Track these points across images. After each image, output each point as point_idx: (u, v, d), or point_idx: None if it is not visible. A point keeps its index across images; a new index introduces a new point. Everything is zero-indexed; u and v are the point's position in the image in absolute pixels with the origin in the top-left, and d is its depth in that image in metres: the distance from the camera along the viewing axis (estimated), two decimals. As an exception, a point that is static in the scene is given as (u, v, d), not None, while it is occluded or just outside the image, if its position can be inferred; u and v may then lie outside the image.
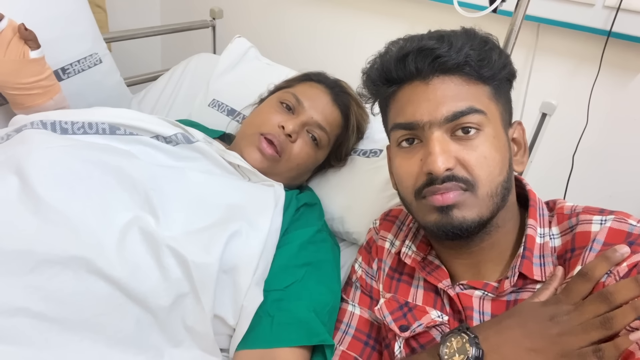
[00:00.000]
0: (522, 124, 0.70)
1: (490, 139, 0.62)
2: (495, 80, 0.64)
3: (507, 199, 0.63)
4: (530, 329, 0.53)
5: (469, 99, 0.61)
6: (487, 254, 0.66)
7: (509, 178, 0.63)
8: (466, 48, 0.61)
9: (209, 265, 0.68)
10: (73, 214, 0.66)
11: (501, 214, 0.64)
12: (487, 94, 0.63)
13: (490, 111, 0.63)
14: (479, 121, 0.61)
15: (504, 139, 0.64)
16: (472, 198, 0.60)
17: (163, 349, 0.68)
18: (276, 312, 0.72)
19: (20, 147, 0.72)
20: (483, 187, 0.60)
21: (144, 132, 0.84)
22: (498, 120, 0.64)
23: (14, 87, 0.92)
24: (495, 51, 0.64)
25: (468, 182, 0.60)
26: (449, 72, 0.62)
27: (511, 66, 0.66)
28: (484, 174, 0.60)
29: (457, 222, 0.60)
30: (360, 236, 0.97)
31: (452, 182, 0.60)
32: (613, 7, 1.08)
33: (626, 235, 0.56)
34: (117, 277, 0.64)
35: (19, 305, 0.60)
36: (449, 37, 0.62)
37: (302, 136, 0.93)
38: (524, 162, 0.68)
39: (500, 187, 0.61)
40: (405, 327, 0.68)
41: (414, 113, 0.63)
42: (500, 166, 0.62)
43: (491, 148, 0.61)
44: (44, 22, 1.01)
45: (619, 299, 0.50)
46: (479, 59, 0.62)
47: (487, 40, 0.65)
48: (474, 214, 0.60)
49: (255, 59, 1.35)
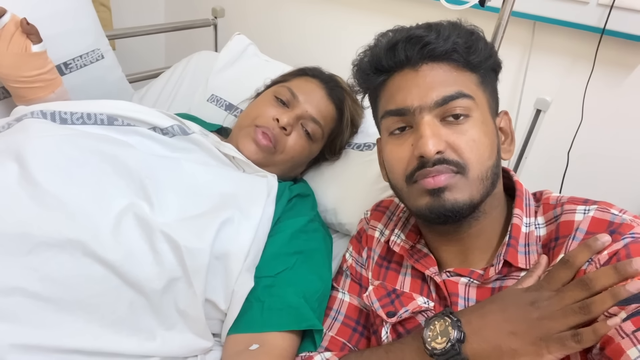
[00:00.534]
0: (509, 113, 0.71)
1: (478, 124, 0.63)
2: (481, 69, 0.66)
3: (496, 184, 0.65)
4: (511, 313, 0.55)
5: (457, 84, 0.63)
6: (475, 241, 0.67)
7: (497, 164, 0.66)
8: (453, 36, 0.64)
9: (201, 251, 0.70)
10: (70, 199, 0.68)
11: (489, 201, 0.65)
12: (474, 81, 0.65)
13: (478, 97, 0.65)
14: (468, 106, 0.63)
15: (492, 125, 0.66)
16: (463, 180, 0.61)
17: (155, 331, 0.70)
18: (267, 297, 0.74)
19: (20, 135, 0.75)
20: (473, 170, 0.62)
21: (141, 123, 0.86)
22: (486, 107, 0.66)
23: (16, 80, 0.94)
24: (482, 41, 0.66)
25: (459, 164, 0.61)
26: (437, 59, 0.64)
27: (496, 57, 0.68)
28: (474, 157, 0.62)
29: (449, 204, 0.61)
30: (353, 227, 0.98)
31: (443, 165, 0.61)
32: (607, 4, 1.09)
33: (608, 224, 0.57)
34: (112, 260, 0.66)
35: (15, 285, 0.62)
36: (437, 27, 0.65)
37: (296, 129, 0.94)
38: (511, 150, 0.70)
39: (490, 171, 0.63)
40: (392, 313, 0.69)
41: (405, 99, 0.64)
42: (489, 150, 0.63)
43: (480, 132, 0.63)
44: (46, 17, 1.03)
45: (598, 286, 0.51)
46: (466, 47, 0.64)
47: (472, 31, 0.67)
48: (465, 196, 0.61)
49: (255, 55, 1.37)
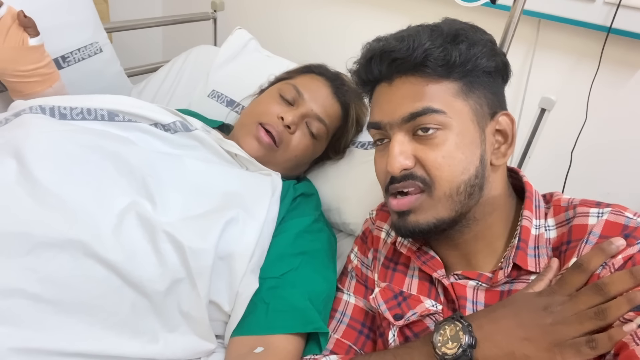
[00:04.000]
0: (510, 114, 0.66)
1: (452, 137, 0.61)
2: (466, 76, 0.63)
3: (477, 195, 0.63)
4: (523, 318, 0.54)
5: (427, 99, 0.62)
6: (474, 246, 0.66)
7: (478, 175, 0.63)
8: (426, 46, 0.61)
9: (205, 251, 0.69)
10: (70, 198, 0.67)
11: (477, 209, 0.64)
12: (452, 91, 0.62)
13: (455, 109, 0.62)
14: (438, 121, 0.61)
15: (475, 135, 0.63)
16: (427, 201, 0.62)
17: (158, 333, 0.68)
18: (271, 299, 0.73)
19: (19, 131, 0.73)
20: (440, 188, 0.61)
21: (142, 119, 0.84)
22: (467, 116, 0.63)
23: (12, 75, 0.92)
24: (464, 45, 0.62)
25: (425, 181, 0.62)
26: (409, 72, 0.63)
27: (486, 59, 0.63)
28: (444, 174, 0.61)
29: (410, 226, 0.63)
30: (357, 227, 0.97)
31: (409, 180, 0.62)
32: (613, 3, 1.08)
33: (622, 227, 0.56)
34: (114, 261, 0.65)
35: (15, 287, 0.60)
36: (410, 37, 0.63)
37: (301, 128, 0.93)
38: (508, 154, 0.66)
39: (463, 186, 0.62)
40: (399, 315, 0.68)
41: (378, 114, 0.66)
42: (463, 165, 0.62)
43: (452, 147, 0.61)
44: (44, 9, 1.01)
45: (613, 291, 0.50)
46: (439, 57, 0.61)
47: (457, 34, 0.63)
48: (429, 217, 0.62)
49: (256, 50, 1.35)
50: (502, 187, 0.66)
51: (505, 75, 0.68)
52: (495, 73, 0.65)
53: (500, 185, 0.66)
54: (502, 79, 0.68)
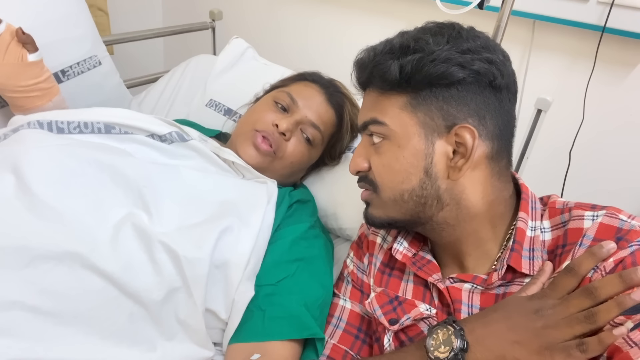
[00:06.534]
0: (471, 127, 0.60)
1: (392, 148, 0.64)
2: (416, 88, 0.62)
3: (436, 204, 0.63)
4: (515, 321, 0.54)
5: (375, 110, 0.66)
6: (459, 248, 0.67)
7: (424, 187, 0.63)
8: (374, 62, 0.64)
9: (200, 260, 0.70)
10: (67, 211, 0.68)
11: (447, 215, 0.64)
12: (399, 103, 0.63)
13: (400, 121, 0.63)
14: (381, 131, 0.65)
15: (419, 147, 0.62)
16: (377, 199, 0.68)
17: (156, 342, 0.69)
18: (268, 306, 0.73)
19: (17, 146, 0.74)
20: (384, 192, 0.66)
21: (138, 130, 0.85)
22: (412, 129, 0.62)
23: (13, 90, 0.94)
24: (416, 56, 0.60)
25: (373, 184, 0.68)
26: (369, 84, 0.69)
27: (446, 69, 0.59)
28: (384, 180, 0.66)
29: (369, 217, 0.70)
30: (354, 232, 0.98)
31: (362, 182, 0.70)
32: (607, 2, 1.08)
33: (616, 230, 0.56)
34: (111, 271, 0.66)
35: (14, 299, 0.61)
36: (369, 52, 0.67)
37: (295, 135, 0.94)
38: (463, 169, 0.61)
39: (407, 194, 0.64)
40: (394, 320, 0.69)
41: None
42: (403, 175, 0.64)
43: (391, 158, 0.64)
44: (42, 25, 1.03)
45: (603, 294, 0.51)
46: (378, 73, 0.64)
47: (407, 46, 0.61)
48: (381, 213, 0.68)
49: (253, 59, 1.36)
50: (483, 194, 0.64)
51: (493, 82, 0.61)
52: (468, 83, 0.60)
53: (476, 194, 0.63)
54: (490, 87, 0.62)
